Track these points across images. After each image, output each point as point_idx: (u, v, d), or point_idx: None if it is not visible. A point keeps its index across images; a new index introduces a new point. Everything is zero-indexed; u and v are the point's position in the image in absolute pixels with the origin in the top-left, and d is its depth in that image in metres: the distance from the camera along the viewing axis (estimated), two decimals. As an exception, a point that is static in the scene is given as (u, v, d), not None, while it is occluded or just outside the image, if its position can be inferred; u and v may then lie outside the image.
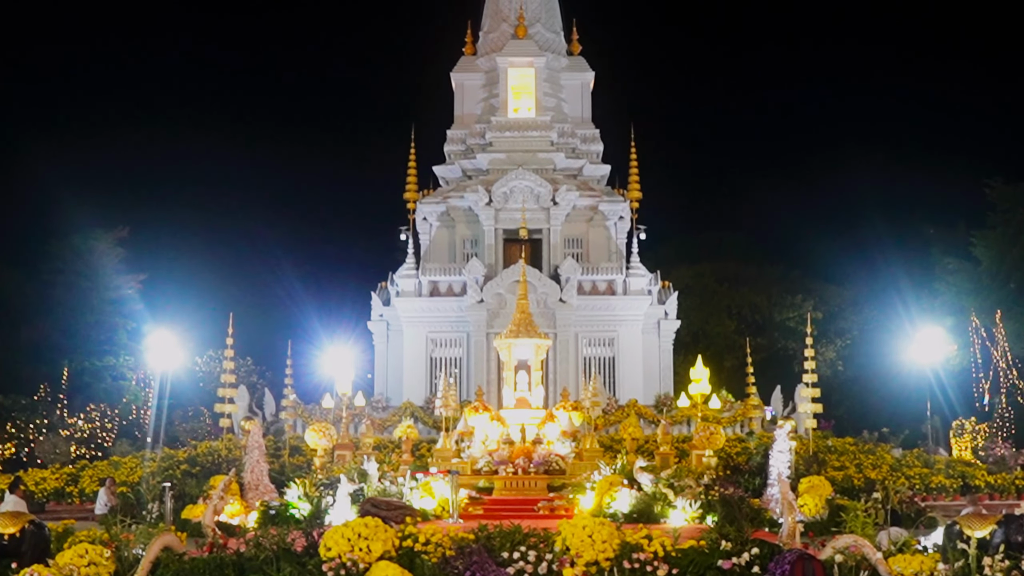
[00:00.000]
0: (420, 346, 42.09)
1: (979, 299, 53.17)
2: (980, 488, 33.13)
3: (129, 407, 49.18)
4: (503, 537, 15.77)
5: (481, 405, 31.94)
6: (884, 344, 55.50)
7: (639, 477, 25.73)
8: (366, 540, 15.19)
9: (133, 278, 55.02)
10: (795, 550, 14.97)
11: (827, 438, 35.63)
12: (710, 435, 28.29)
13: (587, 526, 15.40)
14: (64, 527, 18.66)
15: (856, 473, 30.64)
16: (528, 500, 26.80)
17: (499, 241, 42.75)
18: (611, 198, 43.72)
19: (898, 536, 16.93)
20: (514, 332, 32.95)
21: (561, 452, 29.64)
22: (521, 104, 44.98)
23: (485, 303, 41.04)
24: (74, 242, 53.52)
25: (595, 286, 42.03)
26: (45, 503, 32.16)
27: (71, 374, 51.57)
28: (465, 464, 28.98)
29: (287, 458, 31.75)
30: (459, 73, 46.76)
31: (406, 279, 42.42)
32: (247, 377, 49.58)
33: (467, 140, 45.22)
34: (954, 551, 14.88)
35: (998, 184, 54.95)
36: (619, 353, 41.90)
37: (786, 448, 25.83)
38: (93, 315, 52.83)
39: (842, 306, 64.18)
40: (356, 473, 25.79)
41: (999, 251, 53.85)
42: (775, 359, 60.93)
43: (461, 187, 43.94)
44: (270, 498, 25.50)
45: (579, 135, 45.34)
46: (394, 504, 21.00)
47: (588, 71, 46.72)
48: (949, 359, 50.95)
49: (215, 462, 30.85)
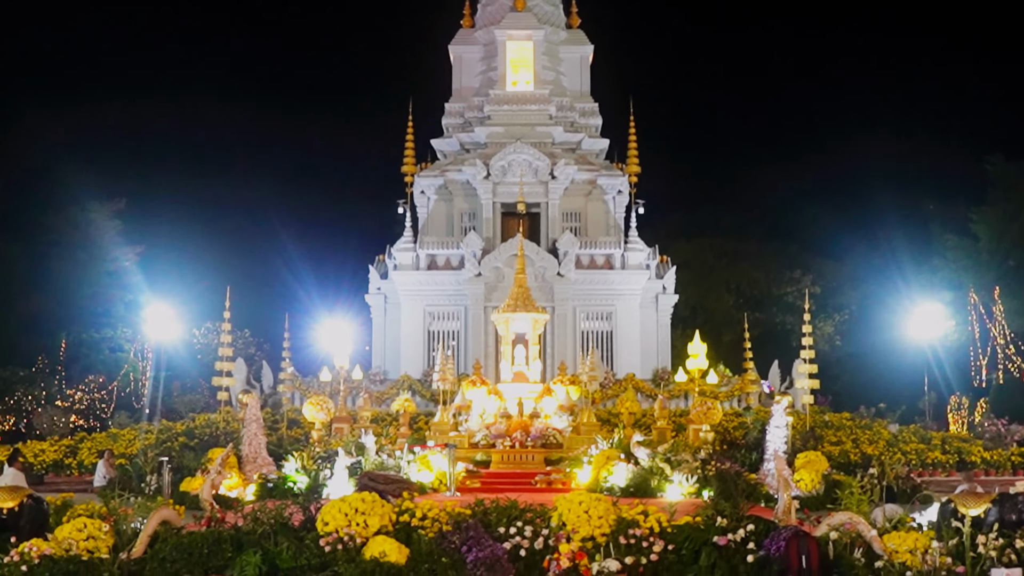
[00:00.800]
0: (418, 319, 42.10)
1: (978, 275, 53.20)
2: (976, 464, 33.25)
3: (127, 379, 49.26)
4: (500, 512, 15.83)
5: (479, 379, 32.00)
6: (882, 320, 55.65)
7: (636, 451, 25.80)
8: (363, 515, 15.25)
9: (130, 250, 54.98)
10: (790, 527, 15.02)
11: (824, 413, 35.75)
12: (707, 410, 28.40)
13: (583, 502, 15.44)
14: (63, 500, 18.74)
15: (853, 448, 30.76)
16: (525, 474, 26.88)
17: (497, 215, 42.68)
18: (610, 172, 43.62)
19: (893, 513, 16.99)
20: (512, 306, 32.96)
21: (558, 426, 29.73)
22: (520, 77, 44.77)
23: (483, 277, 41.01)
24: (71, 214, 53.43)
25: (593, 260, 41.99)
26: (44, 475, 32.24)
27: (68, 346, 51.65)
28: (463, 437, 29.07)
29: (285, 431, 31.86)
30: (457, 46, 46.53)
31: (404, 252, 42.38)
32: (244, 350, 49.65)
33: (465, 113, 45.06)
34: (948, 529, 14.93)
35: (998, 161, 54.91)
36: (617, 327, 41.93)
37: (783, 423, 25.87)
38: (90, 287, 52.83)
39: (840, 281, 64.24)
40: (354, 446, 25.86)
41: (998, 228, 53.84)
42: (773, 334, 60.97)
43: (459, 161, 43.81)
44: (268, 471, 25.59)
45: (578, 109, 45.17)
46: (391, 478, 21.05)
47: (587, 44, 46.49)
48: (947, 335, 51.07)
49: (213, 434, 30.95)
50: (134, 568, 15.07)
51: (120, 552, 15.26)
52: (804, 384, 32.79)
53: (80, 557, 14.71)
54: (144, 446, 30.22)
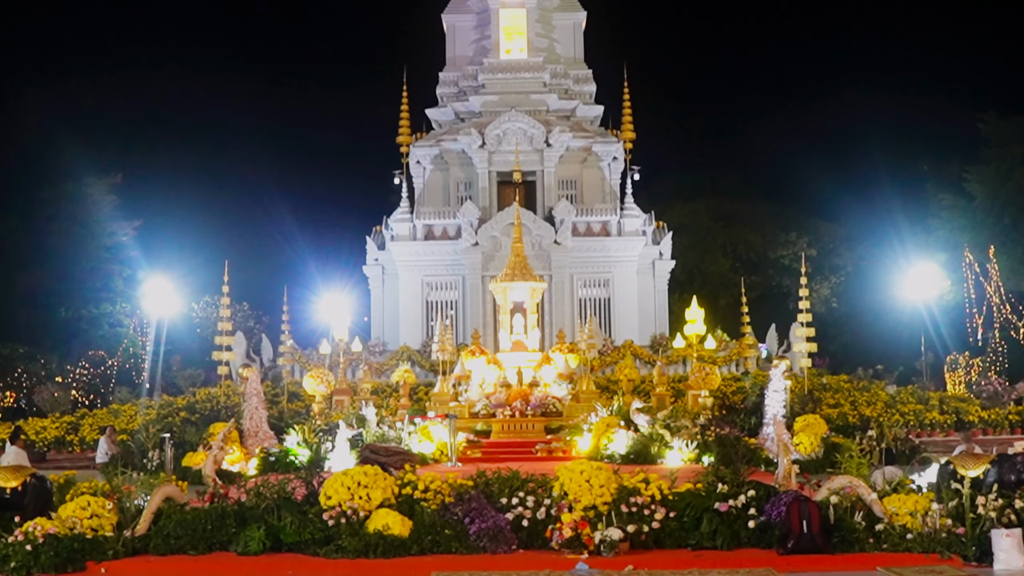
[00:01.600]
0: (416, 290, 42.15)
1: (973, 235, 53.18)
2: (974, 423, 33.42)
3: (127, 354, 49.30)
4: (501, 483, 15.89)
5: (478, 348, 32.12)
6: (878, 280, 55.72)
7: (636, 418, 25.95)
8: (366, 488, 15.32)
9: (128, 224, 54.87)
10: (791, 492, 15.10)
11: (822, 375, 35.84)
12: (706, 375, 28.56)
13: (584, 471, 15.51)
14: (65, 478, 18.72)
15: (851, 410, 30.89)
16: (526, 443, 27.04)
17: (493, 183, 42.63)
18: (604, 139, 43.54)
19: (892, 475, 17.10)
20: (509, 275, 33.01)
21: (558, 394, 29.86)
22: (513, 45, 44.56)
23: (480, 246, 41.02)
24: (68, 189, 53.26)
25: (589, 227, 42.01)
26: (46, 452, 32.36)
27: (67, 321, 51.64)
28: (463, 407, 29.19)
29: (285, 404, 31.95)
30: (450, 15, 46.28)
31: (400, 223, 42.35)
32: (244, 323, 49.69)
33: (459, 83, 44.89)
34: (948, 490, 15.02)
35: (992, 119, 54.72)
36: (614, 294, 42.01)
37: (781, 387, 25.95)
38: (89, 262, 52.75)
39: (836, 243, 64.22)
40: (354, 418, 26.02)
41: (993, 186, 53.74)
42: (770, 296, 61.08)
43: (454, 130, 43.70)
44: (269, 445, 25.70)
45: (572, 76, 45.01)
46: (393, 450, 21.13)
47: (580, 11, 46.26)
48: (943, 295, 51.18)
49: (214, 409, 31.00)
50: (139, 545, 15.15)
51: (124, 529, 15.33)
52: (802, 347, 32.88)
53: (84, 535, 14.76)
54: (145, 421, 30.26)
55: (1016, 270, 50.73)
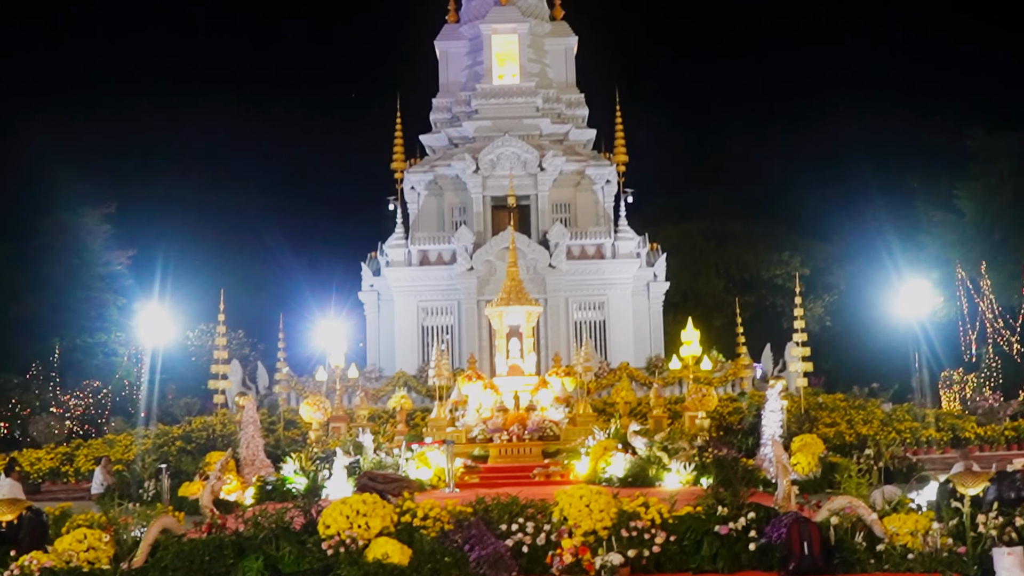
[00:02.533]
0: (411, 315, 42.14)
1: (964, 250, 53.39)
2: (970, 440, 33.42)
3: (121, 383, 49.19)
4: (501, 509, 15.84)
5: (474, 373, 32.06)
6: (871, 298, 55.77)
7: (633, 441, 25.90)
8: (365, 516, 15.24)
9: (122, 253, 54.89)
10: (791, 513, 15.09)
11: (818, 395, 35.88)
12: (702, 397, 28.52)
13: (584, 495, 15.47)
14: (61, 510, 18.63)
15: (847, 429, 30.90)
16: (523, 467, 26.93)
17: (487, 208, 42.72)
18: (597, 162, 43.69)
19: (892, 495, 17.09)
20: (505, 299, 33.00)
21: (555, 418, 29.80)
22: (505, 71, 44.74)
23: (475, 271, 41.06)
24: (62, 219, 53.30)
25: (584, 250, 42.08)
26: (40, 484, 32.14)
27: (62, 351, 51.51)
28: (460, 433, 29.09)
29: (282, 432, 31.84)
30: (443, 41, 46.51)
31: (395, 249, 42.40)
32: (239, 350, 49.61)
33: (453, 108, 45.07)
34: (948, 509, 15.01)
35: (979, 135, 55.04)
36: (609, 316, 42.04)
37: (778, 408, 25.89)
38: (83, 292, 52.72)
39: (828, 261, 64.41)
40: (352, 445, 25.90)
41: (982, 202, 54.00)
42: (763, 316, 61.20)
43: (448, 155, 43.83)
44: (266, 473, 25.56)
45: (564, 100, 45.22)
46: (391, 477, 21.04)
47: (571, 36, 46.53)
48: (936, 311, 51.30)
49: (210, 438, 30.93)
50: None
51: (121, 562, 15.23)
52: (797, 367, 32.89)
53: (81, 569, 14.67)
54: (141, 451, 30.19)
55: (1008, 285, 50.88)
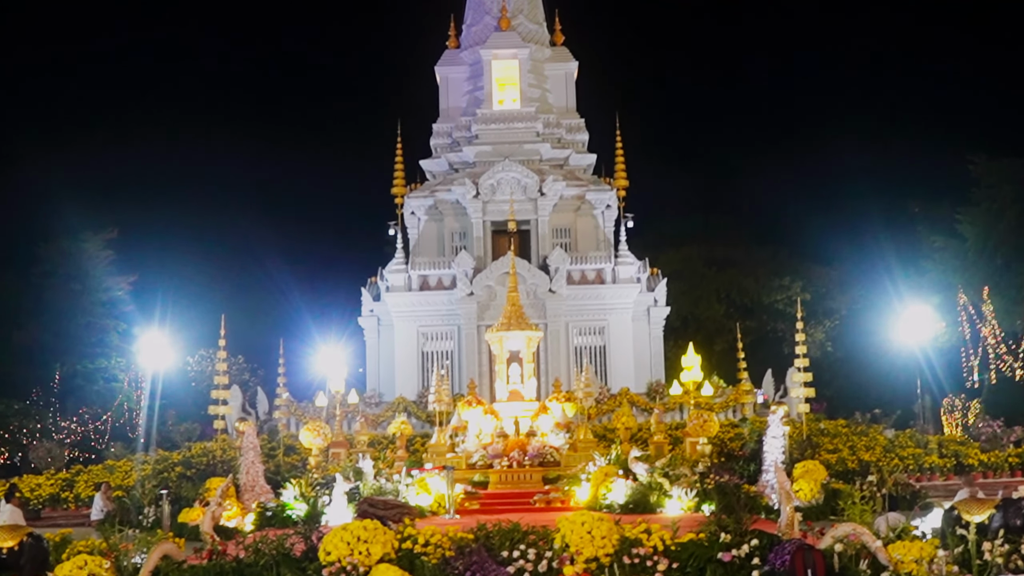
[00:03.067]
0: (411, 340, 42.09)
1: (966, 276, 53.30)
2: (973, 467, 33.29)
3: (122, 409, 49.10)
4: (502, 536, 15.76)
5: (474, 399, 31.96)
6: (873, 323, 55.76)
7: (634, 467, 25.78)
8: (365, 543, 15.17)
9: (123, 279, 54.89)
10: (794, 540, 14.99)
11: (819, 421, 35.74)
12: (704, 422, 28.37)
13: (586, 522, 15.39)
14: (61, 536, 18.55)
15: (850, 456, 30.73)
16: (524, 493, 26.81)
17: (487, 233, 42.74)
18: (598, 187, 43.75)
19: (896, 522, 16.97)
20: (505, 324, 32.94)
21: (555, 444, 29.68)
22: (506, 96, 44.88)
23: (475, 296, 41.04)
24: (63, 245, 53.35)
25: (584, 275, 42.06)
26: (40, 510, 32.06)
27: (63, 377, 51.44)
28: (460, 458, 28.98)
29: (282, 458, 31.71)
30: (443, 67, 46.68)
31: (395, 274, 42.39)
32: (239, 376, 49.55)
33: (453, 133, 45.18)
34: (953, 536, 14.92)
35: (981, 160, 54.99)
36: (610, 342, 41.96)
37: (780, 433, 25.80)
38: (84, 317, 52.71)
39: (830, 286, 64.37)
40: (352, 471, 25.79)
41: (984, 227, 53.94)
42: (764, 341, 61.10)
43: (448, 180, 43.91)
44: (266, 499, 25.46)
45: (564, 125, 45.33)
46: (391, 503, 20.96)
47: (571, 61, 46.71)
48: (937, 337, 51.21)
49: (210, 464, 30.79)
50: (137, 605, 15.01)
51: (122, 589, 15.19)
52: (799, 392, 32.76)
53: (83, 595, 14.64)
54: (141, 477, 30.10)
55: (1010, 311, 50.78)
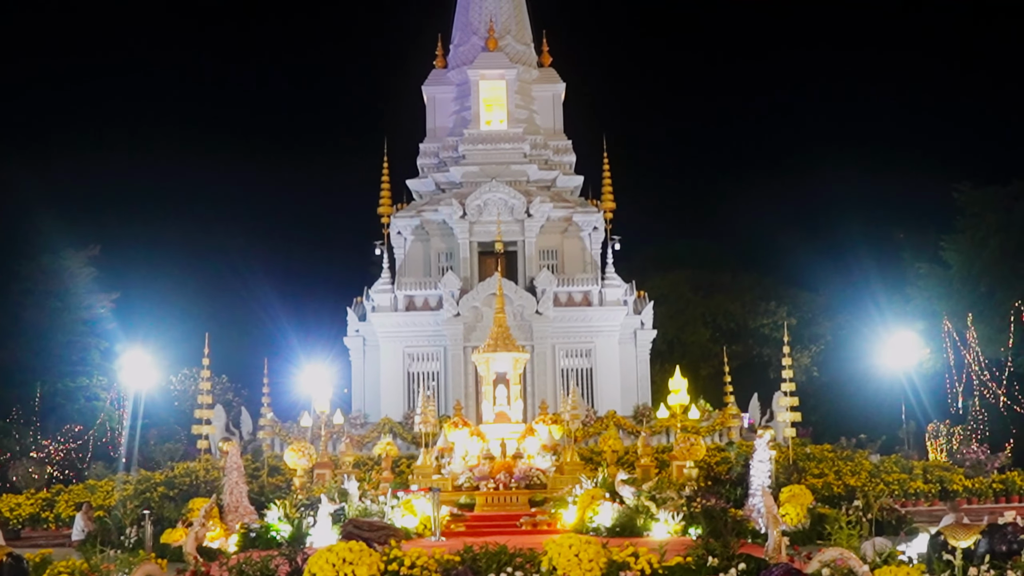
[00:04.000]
0: (397, 361, 41.91)
1: (950, 303, 53.51)
2: (958, 492, 33.31)
3: (103, 428, 48.68)
4: (489, 558, 15.67)
5: (460, 420, 31.84)
6: (858, 349, 55.88)
7: (621, 490, 25.69)
8: (351, 565, 15.05)
9: (105, 297, 54.44)
10: (781, 564, 14.96)
11: (806, 445, 35.74)
12: (691, 446, 28.32)
13: (573, 545, 15.32)
14: (41, 556, 18.36)
15: (835, 480, 30.70)
16: (510, 516, 26.71)
17: (474, 254, 42.64)
18: (585, 209, 43.76)
19: (883, 547, 16.97)
20: (492, 346, 32.86)
21: (542, 466, 29.57)
22: (493, 116, 44.92)
23: (461, 316, 40.92)
24: (44, 262, 52.89)
25: (571, 297, 42.02)
26: (20, 530, 31.72)
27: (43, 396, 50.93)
28: (446, 480, 28.83)
29: (266, 478, 31.50)
30: (430, 87, 46.71)
31: (381, 294, 42.25)
32: (223, 395, 49.24)
33: (440, 153, 45.16)
34: (939, 562, 14.93)
35: (966, 188, 55.36)
36: (596, 364, 41.87)
37: (766, 458, 25.79)
38: (65, 335, 52.22)
39: (815, 312, 64.54)
40: (337, 492, 25.63)
41: (969, 255, 54.23)
42: (750, 366, 61.16)
43: (435, 201, 43.85)
44: (250, 520, 25.26)
45: (551, 146, 45.37)
46: (376, 525, 20.85)
47: (559, 82, 46.79)
48: (922, 363, 51.34)
49: (193, 483, 30.55)
50: (118, 626, 14.82)
51: (104, 610, 15.00)
52: (785, 417, 32.74)
53: (63, 616, 14.45)
54: (123, 497, 29.77)
55: (994, 338, 50.95)
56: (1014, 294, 50.28)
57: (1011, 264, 51.63)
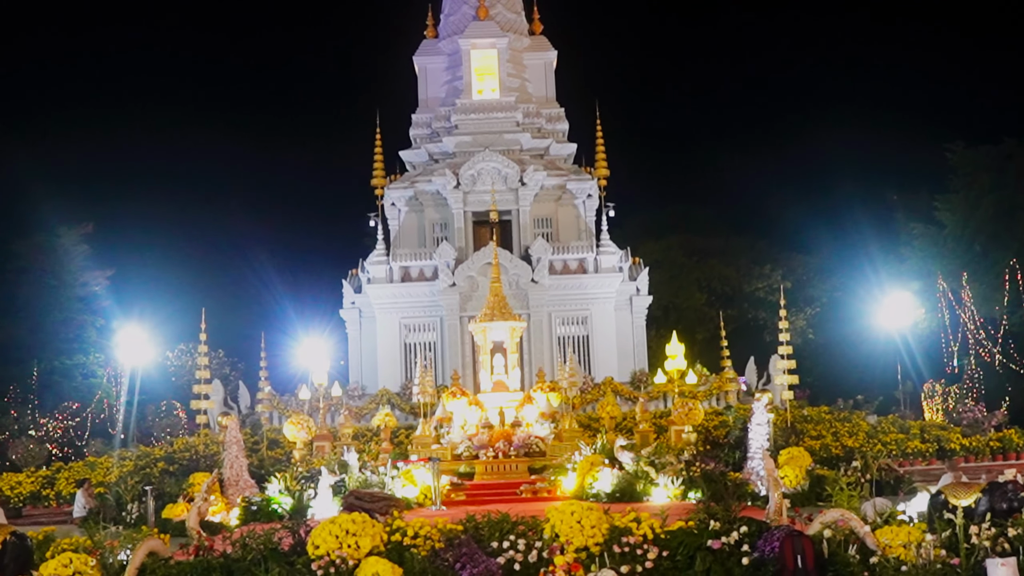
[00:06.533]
0: (394, 332, 41.95)
1: (945, 262, 53.59)
2: (956, 451, 33.47)
3: (101, 405, 48.66)
4: (491, 527, 15.70)
5: (458, 390, 31.87)
6: (853, 310, 55.98)
7: (620, 456, 25.79)
8: (354, 536, 15.08)
9: (100, 274, 54.33)
10: (783, 527, 15.02)
11: (803, 408, 35.86)
12: (689, 411, 28.44)
13: (575, 512, 15.35)
14: (44, 534, 18.36)
15: (833, 442, 30.85)
16: (510, 484, 26.80)
17: (468, 224, 42.61)
18: (579, 176, 43.69)
19: (883, 507, 17.04)
20: (488, 315, 32.87)
21: (540, 434, 29.64)
22: (485, 86, 44.70)
23: (457, 287, 40.92)
24: (38, 239, 52.74)
25: (566, 265, 42.03)
26: (21, 508, 31.74)
27: (40, 373, 50.89)
28: (445, 450, 28.90)
29: (265, 452, 31.58)
30: (421, 57, 46.48)
31: (377, 265, 42.22)
32: (220, 370, 49.23)
33: (432, 124, 44.97)
34: (940, 520, 14.98)
35: (959, 148, 55.33)
36: (593, 331, 41.94)
37: (764, 421, 25.82)
38: (61, 313, 52.15)
39: (810, 274, 64.59)
40: (336, 464, 25.69)
41: (962, 214, 54.26)
42: (745, 330, 61.26)
43: (428, 171, 43.73)
44: (251, 493, 25.32)
45: (544, 115, 45.21)
46: (377, 496, 20.89)
47: (550, 50, 46.60)
48: (917, 323, 51.43)
49: (192, 458, 30.62)
50: (123, 602, 14.86)
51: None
52: (783, 380, 32.86)
53: (68, 593, 14.48)
54: (123, 473, 29.83)
55: (989, 297, 51.08)
56: (1008, 253, 50.36)
57: (1005, 223, 51.68)
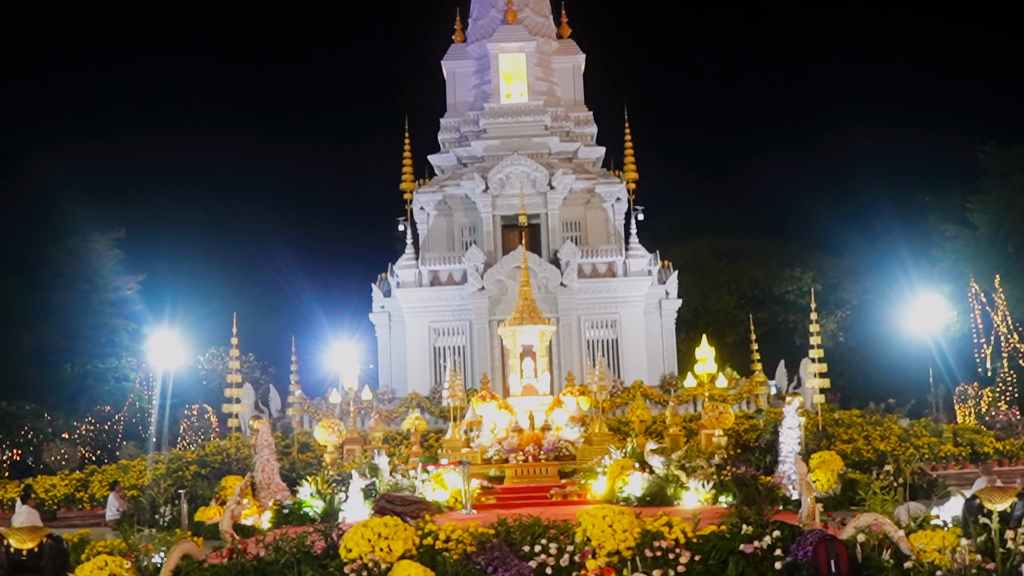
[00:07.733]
0: (423, 336, 42.05)
1: (977, 264, 53.17)
2: (989, 455, 33.13)
3: (134, 408, 49.11)
4: (523, 530, 15.68)
5: (488, 394, 31.88)
6: (884, 313, 55.66)
7: (650, 460, 25.71)
8: (386, 540, 15.11)
9: (132, 279, 54.94)
10: (816, 531, 14.92)
11: (834, 411, 35.63)
12: (719, 414, 28.29)
13: (607, 515, 15.31)
14: (79, 537, 18.55)
15: (865, 446, 30.64)
16: (540, 487, 26.77)
17: (497, 228, 42.65)
18: (607, 180, 43.65)
19: (917, 511, 16.91)
20: (518, 319, 32.87)
21: (570, 438, 29.63)
22: (513, 89, 44.74)
23: (486, 290, 40.97)
24: (71, 245, 53.40)
25: (595, 269, 41.99)
26: (56, 510, 32.05)
27: (74, 377, 51.48)
28: (475, 453, 28.93)
29: (296, 455, 31.73)
30: (450, 61, 46.59)
31: (406, 269, 42.34)
32: (250, 373, 49.54)
33: (461, 128, 45.07)
34: (975, 525, 14.86)
35: (992, 149, 54.91)
36: (622, 335, 41.88)
37: (796, 424, 25.69)
38: (94, 317, 52.76)
39: (841, 277, 64.21)
40: (367, 468, 25.78)
41: (995, 216, 53.85)
42: (775, 332, 61.00)
43: (457, 175, 43.82)
44: (282, 497, 25.46)
45: (572, 118, 45.20)
46: (409, 499, 20.94)
47: (579, 53, 46.59)
48: (949, 325, 51.08)
49: (225, 461, 30.79)
50: (158, 604, 14.97)
51: (143, 588, 15.16)
52: (814, 383, 32.64)
53: (104, 595, 14.61)
54: (155, 476, 30.07)
55: (1022, 298, 50.65)
56: (1042, 254, 49.96)
57: (1038, 224, 51.26)
